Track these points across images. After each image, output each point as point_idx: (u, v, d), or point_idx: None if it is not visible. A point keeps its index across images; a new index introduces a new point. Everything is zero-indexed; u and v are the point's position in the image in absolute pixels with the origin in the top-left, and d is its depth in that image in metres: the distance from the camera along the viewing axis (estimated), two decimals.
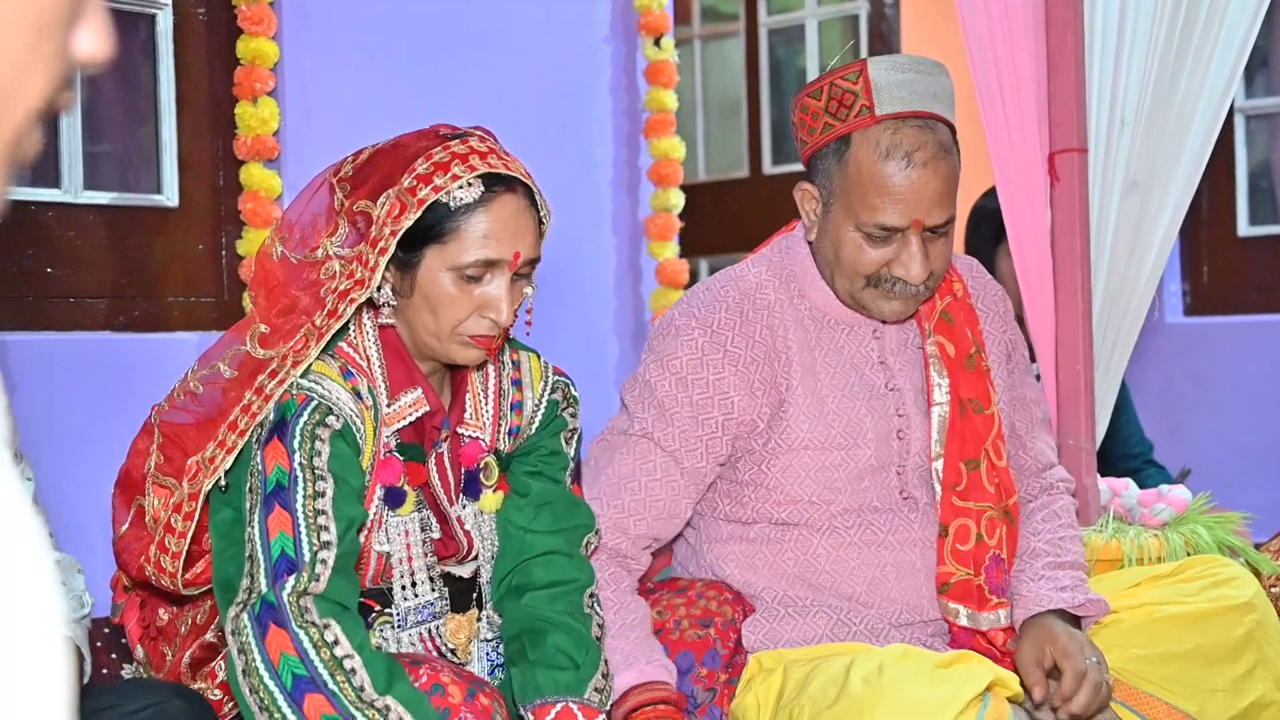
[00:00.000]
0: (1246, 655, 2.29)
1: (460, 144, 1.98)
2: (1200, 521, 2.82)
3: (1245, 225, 5.06)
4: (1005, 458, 2.36)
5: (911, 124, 2.20)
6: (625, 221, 4.19)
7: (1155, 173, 2.91)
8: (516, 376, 2.19)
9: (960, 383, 2.35)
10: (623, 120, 4.19)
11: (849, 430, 2.31)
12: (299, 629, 1.82)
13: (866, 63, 2.21)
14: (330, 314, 1.95)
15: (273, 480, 1.90)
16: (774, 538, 2.35)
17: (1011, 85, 2.86)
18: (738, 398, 2.29)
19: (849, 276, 2.26)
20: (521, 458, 2.20)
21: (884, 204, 2.18)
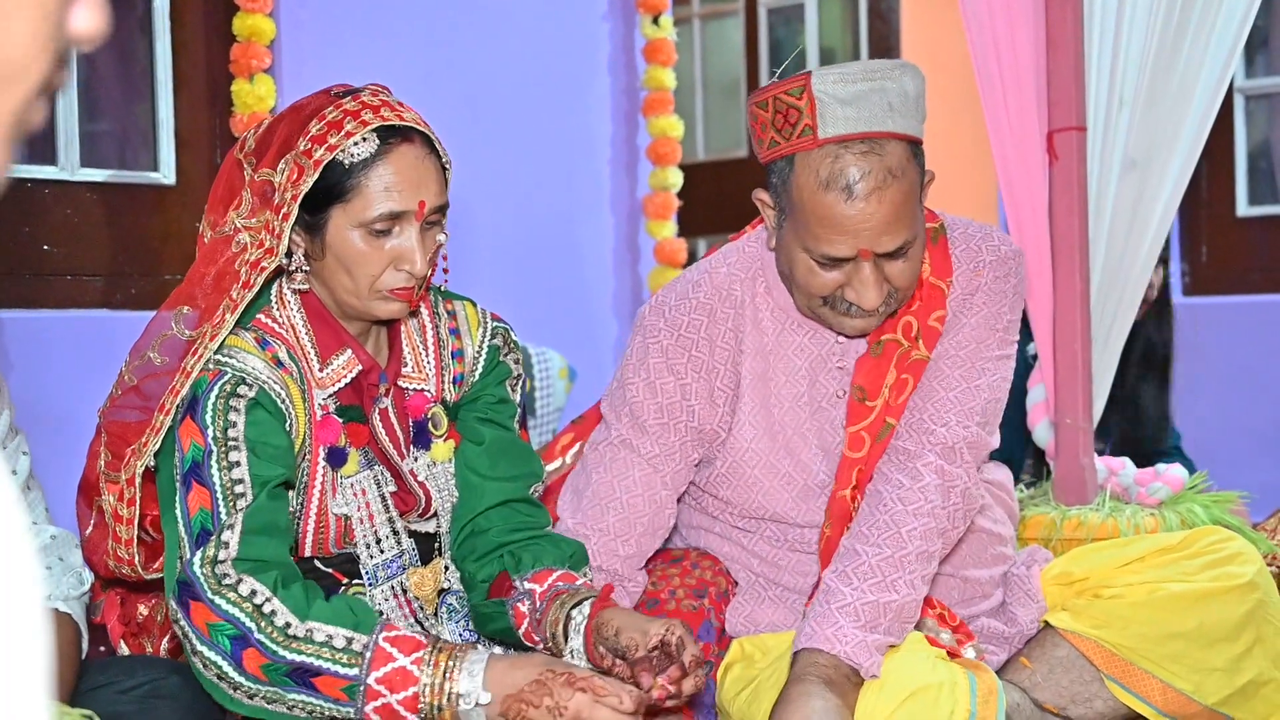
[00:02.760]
0: (1246, 634, 2.27)
1: (351, 100, 1.97)
2: (1197, 501, 2.81)
3: (1244, 205, 5.06)
4: (864, 451, 2.23)
5: (855, 149, 2.05)
6: (623, 200, 4.19)
7: (1154, 151, 2.90)
8: (454, 325, 2.19)
9: (860, 368, 2.26)
10: (621, 99, 4.19)
11: (793, 447, 2.27)
12: (214, 596, 1.83)
13: (811, 76, 2.06)
14: (244, 285, 1.95)
15: (189, 458, 1.90)
16: (737, 539, 2.35)
17: (1010, 64, 2.84)
18: (699, 405, 2.27)
19: (804, 295, 2.17)
20: (469, 404, 2.20)
21: (827, 235, 2.06)
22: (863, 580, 2.09)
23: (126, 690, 1.89)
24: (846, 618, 2.06)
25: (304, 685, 1.81)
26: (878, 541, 2.13)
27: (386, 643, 1.83)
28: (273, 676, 1.81)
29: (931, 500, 2.16)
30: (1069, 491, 2.85)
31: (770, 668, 2.15)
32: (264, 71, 3.34)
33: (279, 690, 1.82)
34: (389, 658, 1.82)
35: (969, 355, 2.26)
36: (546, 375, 3.61)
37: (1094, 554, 2.41)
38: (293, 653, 1.81)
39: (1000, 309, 2.29)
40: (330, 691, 1.81)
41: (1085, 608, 2.30)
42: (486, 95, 3.86)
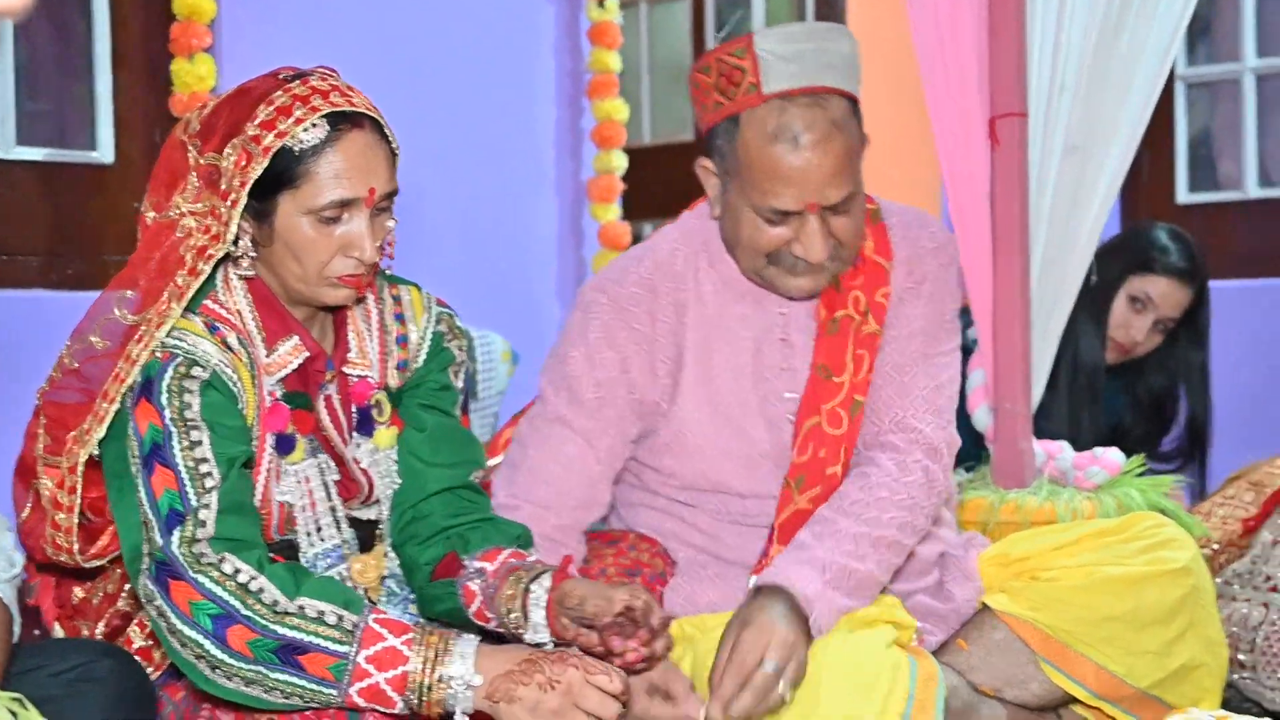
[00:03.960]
0: (1179, 619, 2.31)
1: (300, 85, 1.95)
2: (1133, 484, 2.84)
3: (1184, 192, 5.11)
4: (844, 428, 2.26)
5: (800, 102, 2.12)
6: (567, 183, 4.19)
7: (1094, 137, 2.92)
8: (399, 311, 2.18)
9: (820, 346, 2.29)
10: (566, 82, 4.18)
11: (735, 419, 2.29)
12: (196, 575, 1.82)
13: (753, 36, 2.14)
14: (190, 272, 1.94)
15: (148, 440, 1.89)
16: (678, 513, 2.35)
17: (953, 50, 2.86)
18: (639, 377, 2.28)
19: (750, 255, 2.21)
20: (412, 390, 2.19)
21: (775, 188, 2.12)
22: (838, 544, 2.12)
23: (57, 674, 1.88)
24: (814, 569, 2.08)
25: (289, 664, 1.80)
26: (859, 517, 2.16)
27: (376, 623, 1.83)
28: (259, 653, 1.80)
29: (915, 496, 2.21)
30: (1007, 475, 2.86)
31: (711, 649, 2.15)
32: (204, 51, 3.31)
33: (262, 669, 1.80)
34: (379, 637, 1.81)
35: (929, 350, 2.32)
36: (489, 358, 3.60)
37: (1032, 537, 2.44)
38: (284, 627, 1.81)
39: (946, 300, 2.36)
40: (316, 670, 1.80)
41: (1022, 589, 2.32)
42: (429, 77, 3.84)
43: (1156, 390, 3.56)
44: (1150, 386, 3.57)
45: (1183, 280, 3.40)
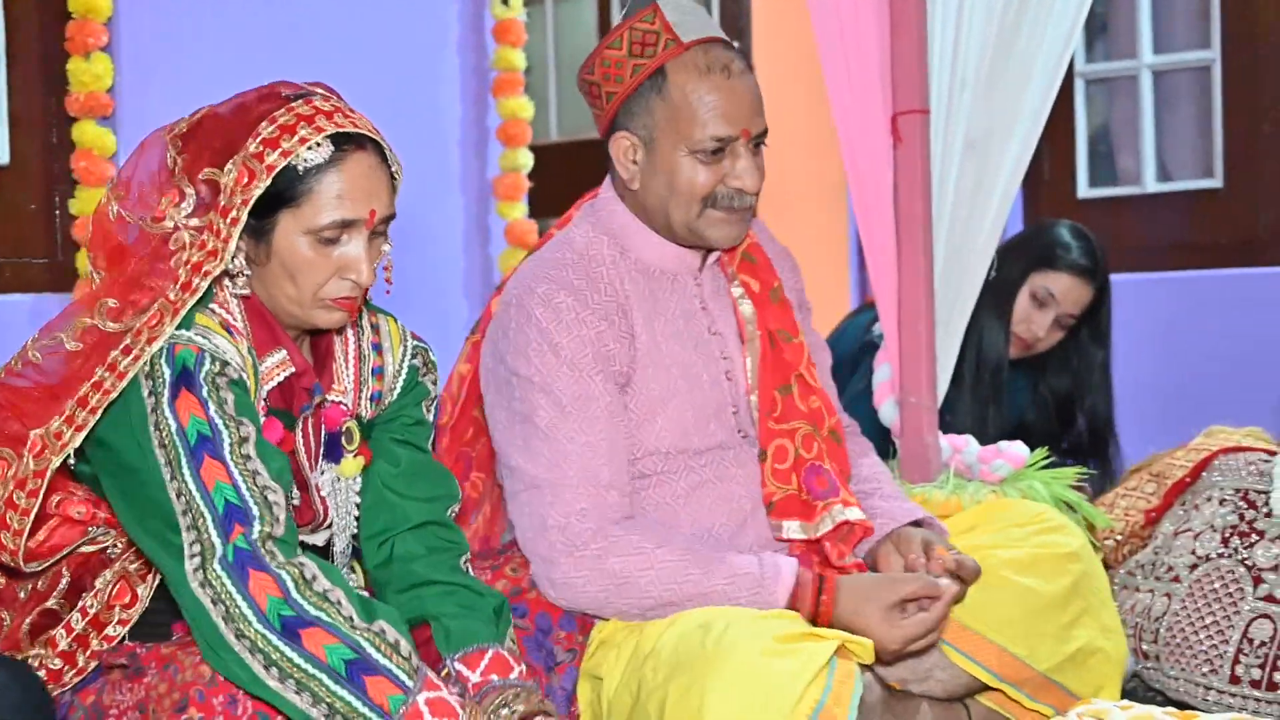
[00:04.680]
0: (1073, 603, 2.36)
1: (304, 104, 1.95)
2: (1037, 477, 2.87)
3: (1085, 187, 5.18)
4: (820, 381, 2.45)
5: (716, 45, 2.30)
6: (473, 181, 4.17)
7: (994, 133, 2.94)
8: (376, 340, 2.18)
9: (768, 316, 2.44)
10: (470, 79, 4.16)
11: (687, 375, 2.35)
12: (279, 570, 1.83)
13: (657, 4, 2.31)
14: (184, 287, 1.92)
15: (192, 432, 1.87)
16: (633, 489, 2.35)
17: (855, 47, 2.87)
18: (616, 347, 2.31)
19: (686, 205, 2.31)
20: (385, 424, 2.19)
21: (713, 116, 2.26)
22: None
23: None
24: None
25: (354, 681, 1.81)
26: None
27: (431, 674, 1.87)
28: (332, 660, 1.80)
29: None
30: (914, 469, 2.89)
31: (657, 632, 2.16)
32: (100, 49, 3.26)
33: (324, 678, 1.80)
34: (436, 686, 1.85)
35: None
36: None
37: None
38: (366, 642, 1.82)
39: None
40: (377, 696, 1.81)
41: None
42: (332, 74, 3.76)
43: (1060, 387, 3.61)
44: (1053, 383, 3.61)
45: (1084, 277, 3.44)
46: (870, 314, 3.36)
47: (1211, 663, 2.62)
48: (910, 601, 2.18)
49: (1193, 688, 2.64)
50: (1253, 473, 2.80)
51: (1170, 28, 5.09)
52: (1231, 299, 4.71)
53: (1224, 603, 2.66)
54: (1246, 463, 2.83)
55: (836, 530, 2.34)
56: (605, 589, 2.22)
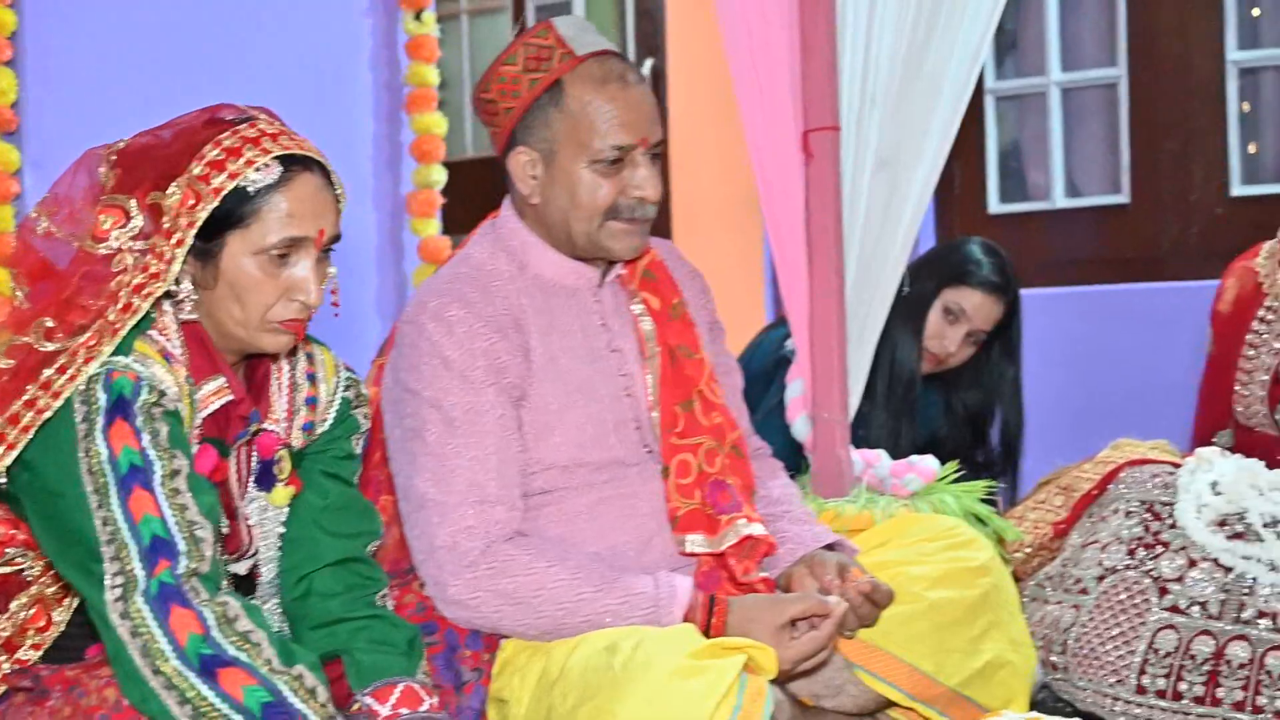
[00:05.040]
0: (982, 617, 2.38)
1: (249, 127, 1.98)
2: (948, 491, 2.90)
3: (995, 203, 5.24)
4: (721, 397, 2.46)
5: (611, 57, 2.33)
6: (386, 198, 4.15)
7: (903, 150, 2.97)
8: (311, 370, 2.18)
9: (668, 332, 2.45)
10: (383, 95, 4.15)
11: (584, 390, 2.36)
12: (201, 607, 1.82)
13: (549, 21, 2.36)
14: (125, 309, 1.92)
15: (124, 462, 1.86)
16: (533, 505, 2.35)
17: (765, 65, 2.89)
18: (510, 360, 2.31)
19: (588, 217, 2.32)
20: (315, 455, 2.19)
21: (613, 125, 2.28)
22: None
23: None
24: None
25: None
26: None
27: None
28: (249, 701, 1.79)
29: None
30: (827, 484, 2.91)
31: (568, 651, 2.16)
32: (4, 64, 3.21)
33: (237, 719, 1.78)
34: None
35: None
36: None
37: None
38: (284, 686, 1.81)
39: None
40: None
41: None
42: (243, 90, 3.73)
43: (971, 401, 3.64)
44: (965, 398, 3.64)
45: (995, 294, 3.48)
46: (783, 329, 3.38)
47: (1118, 673, 2.65)
48: (801, 620, 2.19)
49: (1100, 698, 2.67)
50: (1158, 485, 2.84)
51: (1078, 45, 5.16)
52: (1138, 313, 4.77)
53: (1130, 614, 2.69)
54: (1152, 475, 2.87)
55: (740, 545, 2.34)
56: (498, 609, 2.21)
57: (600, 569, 2.24)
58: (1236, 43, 4.82)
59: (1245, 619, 2.60)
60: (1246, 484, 2.71)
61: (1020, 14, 5.25)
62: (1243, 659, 2.56)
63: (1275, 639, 2.55)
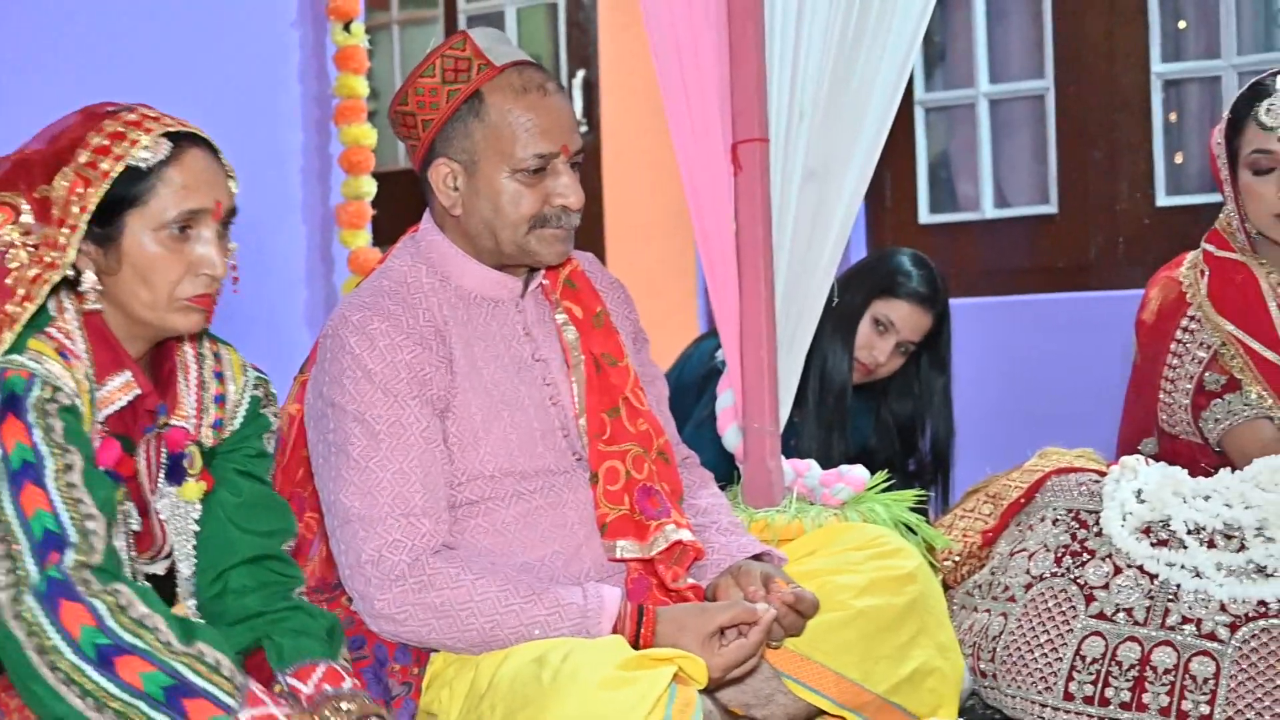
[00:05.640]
0: (909, 624, 2.39)
1: (130, 113, 2.00)
2: (877, 500, 2.91)
3: (925, 213, 5.27)
4: (647, 404, 2.47)
5: (529, 67, 2.34)
6: (315, 209, 4.13)
7: (832, 161, 2.98)
8: (218, 369, 2.18)
9: (591, 340, 2.46)
10: (312, 106, 4.13)
11: (509, 401, 2.36)
12: (92, 599, 1.82)
13: (465, 32, 2.35)
14: (24, 299, 1.93)
15: (16, 458, 1.86)
16: (462, 516, 2.34)
17: (694, 76, 2.90)
18: (433, 372, 2.30)
19: (513, 226, 2.32)
20: (228, 454, 2.18)
21: (534, 135, 2.29)
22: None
23: None
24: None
25: (173, 707, 1.80)
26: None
27: (255, 687, 1.86)
28: (149, 688, 1.79)
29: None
30: (757, 494, 2.91)
31: (492, 666, 2.15)
32: None
33: (142, 706, 1.79)
34: (260, 701, 1.85)
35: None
36: None
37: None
38: (183, 666, 1.81)
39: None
40: (198, 719, 1.79)
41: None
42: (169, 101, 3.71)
43: (902, 411, 3.67)
44: (896, 408, 3.66)
45: (923, 305, 3.50)
46: (714, 341, 3.39)
47: (1046, 680, 2.67)
48: (730, 629, 2.19)
49: (1029, 705, 2.69)
50: (1084, 493, 2.87)
51: (1006, 57, 5.21)
52: (1066, 322, 4.82)
53: (1057, 621, 2.71)
54: (1078, 483, 2.90)
55: (670, 552, 2.35)
56: (426, 623, 2.20)
57: (528, 580, 2.24)
58: (1161, 55, 4.88)
59: (1170, 625, 2.62)
60: (1170, 492, 2.75)
61: (949, 26, 5.30)
62: (1168, 665, 2.59)
63: (1199, 644, 2.58)
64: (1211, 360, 2.99)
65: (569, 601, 2.20)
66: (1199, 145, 4.84)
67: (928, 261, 3.57)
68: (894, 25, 2.97)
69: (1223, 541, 2.67)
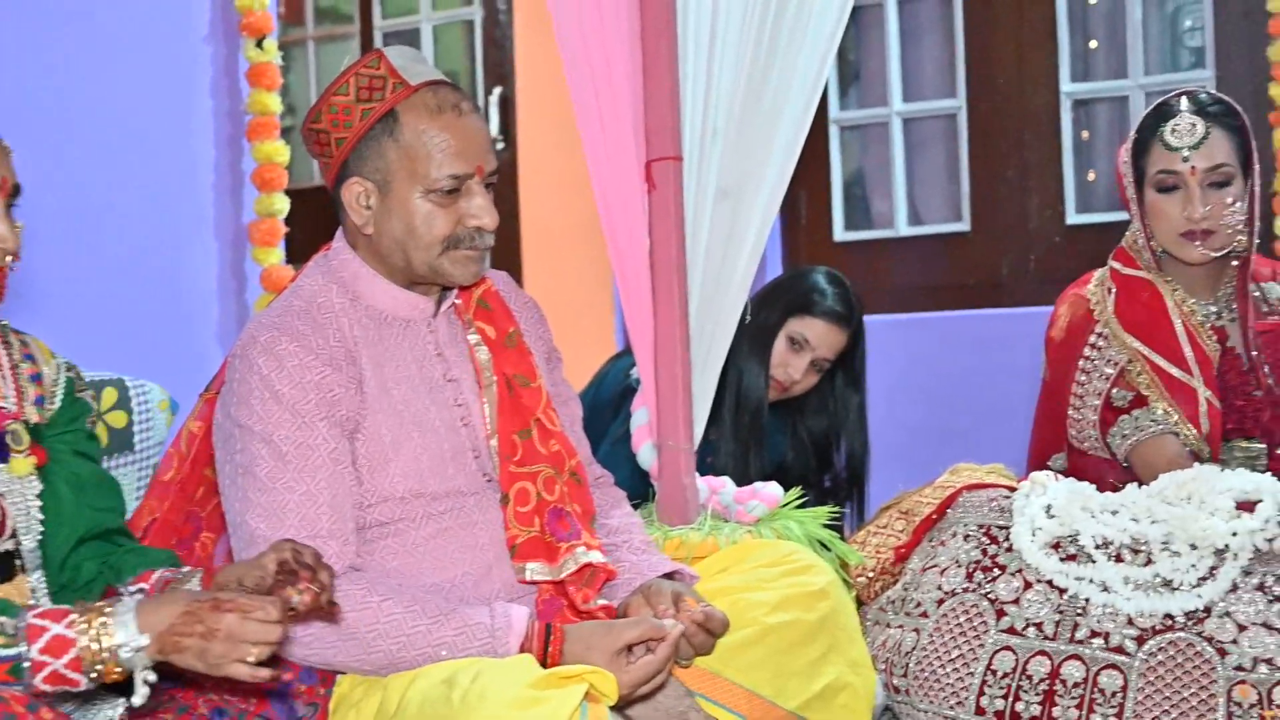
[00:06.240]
0: (820, 639, 2.40)
1: None
2: (791, 517, 2.92)
3: (841, 231, 5.32)
4: (559, 425, 2.47)
5: (444, 87, 2.33)
6: (227, 226, 4.09)
7: (745, 180, 3.00)
8: (27, 352, 2.25)
9: (504, 361, 2.45)
10: (225, 122, 4.09)
11: (419, 422, 2.35)
12: None
13: (380, 51, 2.34)
14: None
15: None
16: (372, 538, 2.33)
17: (608, 95, 2.90)
18: (343, 393, 2.29)
19: (426, 247, 2.31)
20: (62, 435, 2.23)
21: (448, 155, 2.29)
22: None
23: None
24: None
25: None
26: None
27: (36, 618, 1.83)
28: None
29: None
30: (672, 512, 2.91)
31: (402, 686, 2.13)
32: None
33: None
34: (43, 630, 1.82)
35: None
36: (145, 408, 3.46)
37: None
38: None
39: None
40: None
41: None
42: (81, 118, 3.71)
43: (817, 428, 3.69)
44: (811, 425, 3.68)
45: (838, 323, 3.53)
46: (630, 359, 3.39)
47: (958, 695, 2.69)
48: (638, 645, 2.19)
49: None
50: (994, 509, 2.89)
51: (919, 77, 5.27)
52: (979, 339, 4.88)
53: (969, 636, 2.73)
54: (989, 499, 2.92)
55: (580, 573, 2.34)
56: (333, 645, 2.18)
57: (436, 601, 2.22)
58: (1070, 75, 4.95)
59: (1079, 639, 2.65)
60: (1078, 507, 2.77)
61: (863, 46, 5.35)
62: (1077, 678, 2.61)
63: (1108, 658, 2.61)
64: (1119, 377, 3.03)
65: (476, 621, 2.19)
66: (1108, 164, 4.92)
67: (843, 279, 3.60)
68: (805, 45, 2.99)
69: (1130, 556, 2.70)
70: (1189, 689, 2.54)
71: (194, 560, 2.39)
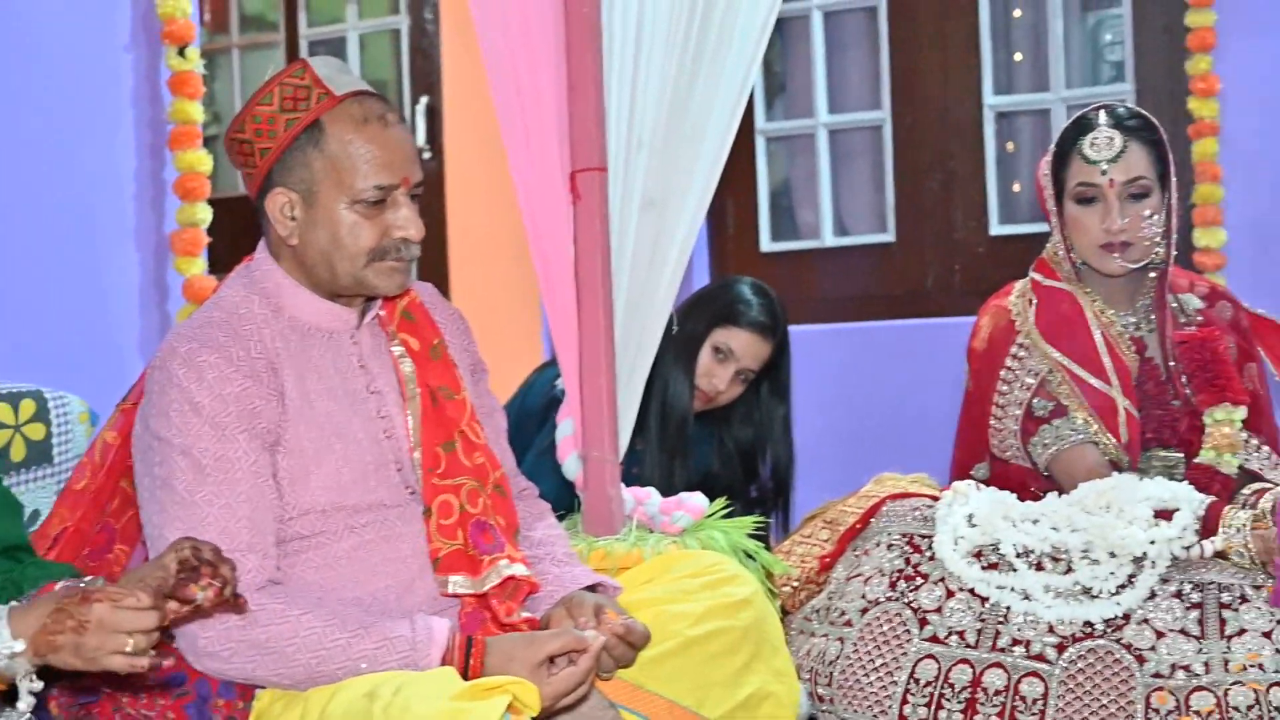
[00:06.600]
0: (744, 649, 2.40)
1: None
2: (716, 527, 2.93)
3: (767, 241, 5.34)
4: (484, 438, 2.46)
5: (369, 97, 2.33)
6: (149, 236, 4.04)
7: (670, 190, 3.00)
8: None
9: (428, 373, 2.44)
10: (145, 131, 4.05)
11: (341, 434, 2.33)
12: None
13: (305, 61, 2.33)
14: None
15: None
16: (293, 551, 2.31)
17: (533, 106, 2.90)
18: (263, 405, 2.27)
19: (352, 258, 2.30)
20: None
21: (374, 166, 2.28)
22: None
23: None
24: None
25: None
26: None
27: None
28: None
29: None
30: (597, 523, 2.91)
31: (323, 700, 2.12)
32: None
33: None
34: None
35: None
36: (65, 420, 3.41)
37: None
38: None
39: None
40: None
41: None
42: None
43: (743, 438, 3.70)
44: (737, 435, 3.70)
45: (763, 334, 3.54)
46: (555, 370, 3.38)
47: (881, 704, 2.71)
48: (560, 656, 2.19)
49: None
50: (917, 518, 2.92)
51: (844, 88, 5.30)
52: (903, 349, 4.91)
53: (892, 645, 2.75)
54: (912, 509, 2.95)
55: (503, 586, 2.34)
56: (252, 659, 2.16)
57: (356, 614, 2.21)
58: (993, 88, 5.00)
59: (1001, 647, 2.68)
60: (1000, 516, 2.80)
61: (789, 58, 5.38)
62: (999, 686, 2.64)
63: (1029, 665, 2.64)
64: (1039, 387, 3.06)
65: (397, 634, 2.18)
66: (1030, 175, 4.97)
67: (768, 290, 3.61)
68: (730, 56, 3.00)
69: (1050, 564, 2.73)
70: (1108, 696, 2.57)
71: (107, 571, 2.35)
